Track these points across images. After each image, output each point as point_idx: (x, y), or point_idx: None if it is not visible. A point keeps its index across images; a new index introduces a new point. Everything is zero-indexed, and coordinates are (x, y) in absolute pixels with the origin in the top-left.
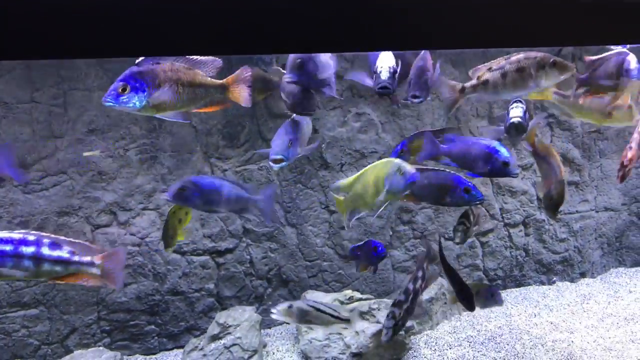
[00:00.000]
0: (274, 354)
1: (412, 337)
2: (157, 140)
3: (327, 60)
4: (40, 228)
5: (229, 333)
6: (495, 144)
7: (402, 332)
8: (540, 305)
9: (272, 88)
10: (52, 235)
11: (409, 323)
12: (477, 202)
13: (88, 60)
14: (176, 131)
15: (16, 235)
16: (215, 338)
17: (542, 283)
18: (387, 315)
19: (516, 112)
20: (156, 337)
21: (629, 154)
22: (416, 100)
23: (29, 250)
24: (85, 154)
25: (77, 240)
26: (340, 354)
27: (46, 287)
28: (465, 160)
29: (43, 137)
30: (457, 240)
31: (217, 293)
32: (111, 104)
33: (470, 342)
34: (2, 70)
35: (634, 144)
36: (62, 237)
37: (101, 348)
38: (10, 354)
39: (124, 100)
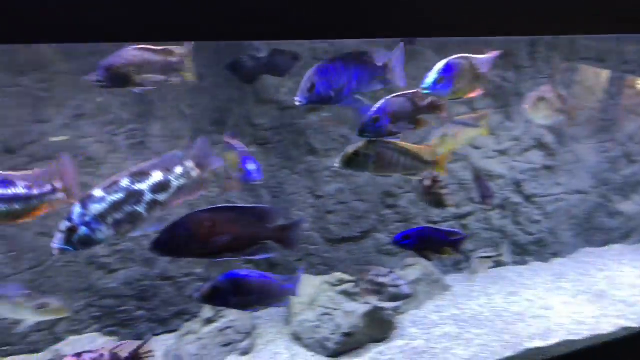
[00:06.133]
0: (265, 336)
1: (398, 316)
2: (146, 125)
3: None
4: None
5: (222, 317)
6: None
7: (390, 312)
8: (517, 284)
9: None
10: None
11: (396, 304)
12: None
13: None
14: (165, 116)
15: None
16: (209, 322)
17: (518, 263)
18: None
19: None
20: (146, 323)
21: None
22: None
23: None
24: (52, 139)
25: (25, 171)
26: (331, 334)
27: (34, 273)
28: None
29: (28, 122)
30: None
31: (207, 277)
32: None
33: (455, 320)
34: None
35: None
36: (11, 172)
37: (94, 334)
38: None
39: None
